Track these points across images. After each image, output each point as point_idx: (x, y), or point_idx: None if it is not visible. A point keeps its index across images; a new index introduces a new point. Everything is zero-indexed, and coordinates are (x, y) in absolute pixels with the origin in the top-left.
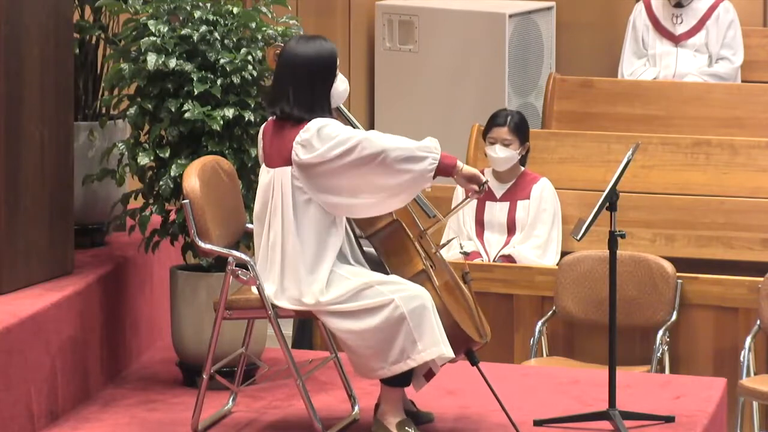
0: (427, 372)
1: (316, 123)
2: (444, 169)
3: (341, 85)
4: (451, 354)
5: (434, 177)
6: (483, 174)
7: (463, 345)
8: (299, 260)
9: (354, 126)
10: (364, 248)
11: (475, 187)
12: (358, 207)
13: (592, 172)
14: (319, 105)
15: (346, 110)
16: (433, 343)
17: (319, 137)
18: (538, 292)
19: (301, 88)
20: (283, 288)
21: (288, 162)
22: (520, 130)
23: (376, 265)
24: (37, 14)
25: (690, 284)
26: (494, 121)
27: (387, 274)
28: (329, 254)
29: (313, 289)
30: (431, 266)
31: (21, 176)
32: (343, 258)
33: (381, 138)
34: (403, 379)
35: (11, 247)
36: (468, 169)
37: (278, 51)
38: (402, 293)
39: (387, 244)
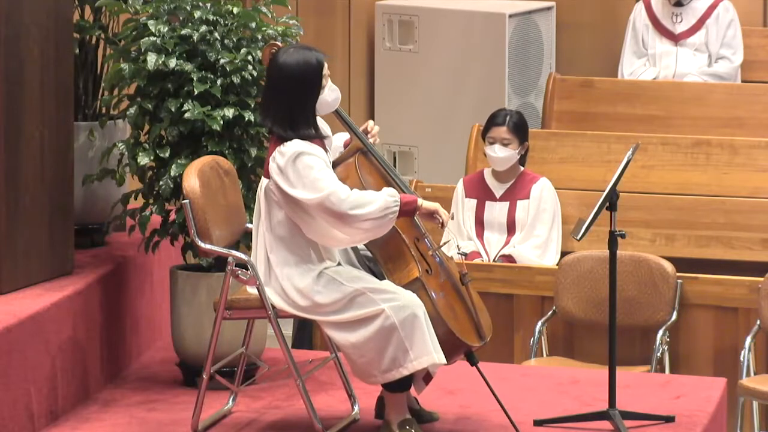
0: (426, 375)
1: (293, 147)
2: (405, 214)
3: (331, 95)
4: (443, 360)
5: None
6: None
7: (459, 350)
8: (283, 267)
9: (352, 128)
10: (360, 251)
11: (438, 220)
12: (320, 237)
13: (592, 172)
14: (299, 121)
15: (345, 113)
16: (424, 352)
17: (294, 167)
18: (538, 292)
19: (282, 104)
20: (275, 291)
21: (268, 175)
22: (519, 130)
23: (373, 263)
24: (37, 14)
25: (690, 284)
26: (493, 120)
27: (383, 276)
28: (313, 261)
29: (301, 291)
30: (427, 271)
31: (21, 176)
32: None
33: (344, 199)
34: (403, 384)
35: (11, 247)
36: (427, 207)
37: (274, 50)
38: (393, 302)
39: (383, 249)
